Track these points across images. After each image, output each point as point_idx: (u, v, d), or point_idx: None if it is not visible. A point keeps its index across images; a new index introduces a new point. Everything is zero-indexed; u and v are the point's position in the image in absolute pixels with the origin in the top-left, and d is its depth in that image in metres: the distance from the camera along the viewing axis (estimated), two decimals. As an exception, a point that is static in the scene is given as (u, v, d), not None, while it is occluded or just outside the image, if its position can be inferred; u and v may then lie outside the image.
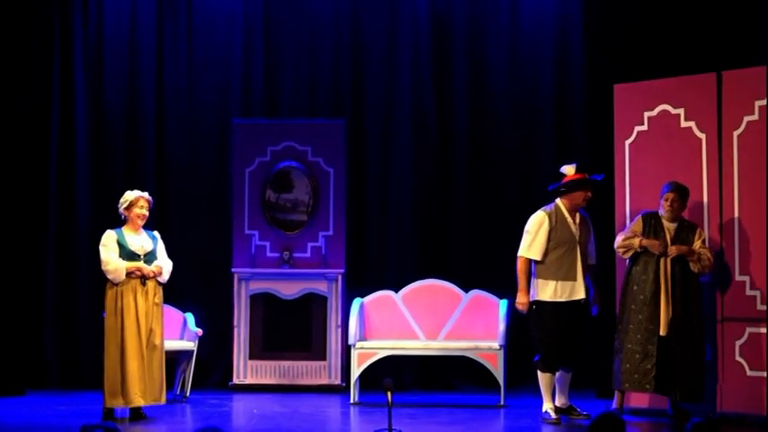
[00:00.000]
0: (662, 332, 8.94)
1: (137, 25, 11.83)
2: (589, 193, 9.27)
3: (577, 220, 9.28)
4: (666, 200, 9.10)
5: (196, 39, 11.87)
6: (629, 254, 9.16)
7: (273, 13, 11.89)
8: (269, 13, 11.88)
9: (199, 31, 11.88)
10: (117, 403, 9.17)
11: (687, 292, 9.00)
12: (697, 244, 9.03)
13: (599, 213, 10.41)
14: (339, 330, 11.12)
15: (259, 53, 11.85)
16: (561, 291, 9.18)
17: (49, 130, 11.66)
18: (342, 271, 11.23)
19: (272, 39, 11.88)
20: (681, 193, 9.10)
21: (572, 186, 9.25)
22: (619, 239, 9.23)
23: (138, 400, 9.18)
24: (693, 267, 9.00)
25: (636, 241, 9.11)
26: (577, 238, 9.22)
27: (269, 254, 11.36)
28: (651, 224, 9.15)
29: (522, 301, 9.22)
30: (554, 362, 9.19)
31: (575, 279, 9.18)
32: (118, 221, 9.54)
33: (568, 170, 9.33)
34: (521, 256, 9.26)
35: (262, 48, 11.85)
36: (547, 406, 9.20)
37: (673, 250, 8.99)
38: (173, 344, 10.47)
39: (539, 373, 9.25)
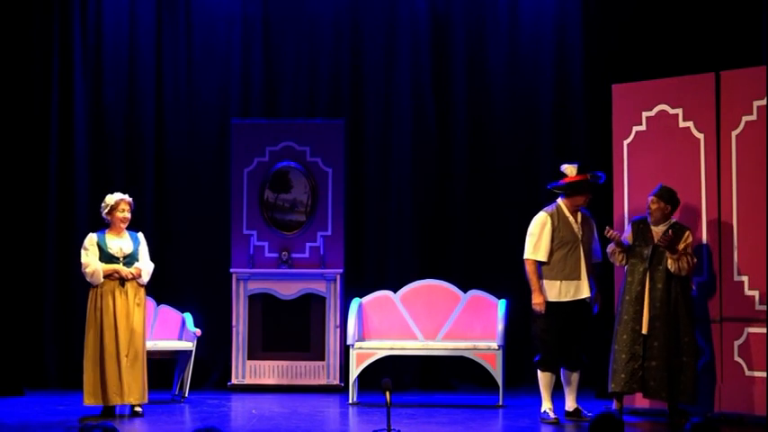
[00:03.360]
0: (643, 330, 8.95)
1: (136, 25, 11.83)
2: (590, 196, 9.27)
3: (579, 219, 9.28)
4: (648, 204, 9.12)
5: (195, 39, 11.87)
6: (619, 258, 9.17)
7: (273, 14, 11.88)
8: (268, 13, 11.88)
9: (198, 31, 11.88)
10: (95, 402, 9.31)
11: (670, 291, 8.97)
12: (680, 247, 9.00)
13: (597, 214, 10.43)
14: (338, 330, 11.12)
15: (258, 53, 11.84)
16: (565, 290, 9.19)
17: (48, 131, 11.67)
18: (340, 271, 11.23)
19: (272, 39, 11.87)
20: (661, 197, 9.07)
21: (572, 189, 9.24)
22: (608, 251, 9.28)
23: (116, 399, 9.29)
24: (671, 266, 8.97)
25: (613, 246, 9.14)
26: (580, 237, 9.23)
27: (267, 254, 11.36)
28: (639, 229, 9.16)
29: (537, 301, 9.19)
30: (554, 362, 9.19)
31: (579, 278, 9.19)
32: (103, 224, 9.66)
33: (570, 171, 9.30)
34: (527, 259, 9.27)
35: (261, 48, 11.85)
36: (546, 406, 9.20)
37: (661, 240, 8.95)
38: (171, 344, 10.48)
39: (538, 372, 9.25)
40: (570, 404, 9.30)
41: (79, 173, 11.68)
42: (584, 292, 9.18)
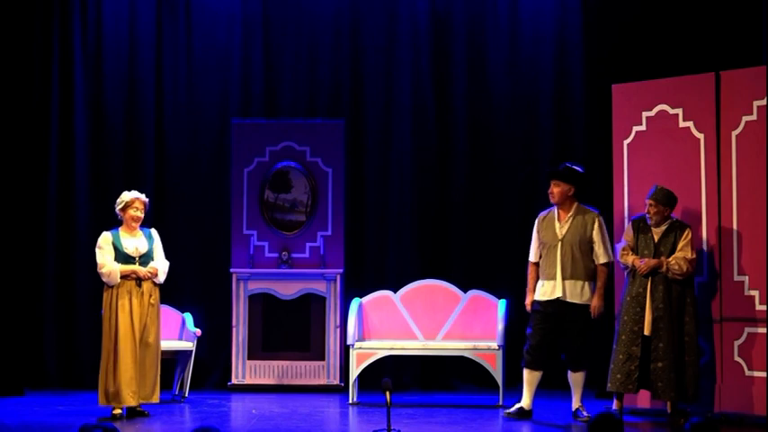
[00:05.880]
0: (645, 332, 8.96)
1: (136, 25, 11.83)
2: (550, 188, 9.30)
3: (569, 220, 9.27)
4: (646, 206, 9.12)
5: (195, 39, 11.87)
6: (630, 259, 9.16)
7: (273, 13, 11.89)
8: (268, 12, 11.88)
9: (198, 30, 11.88)
10: (109, 403, 9.27)
11: (671, 292, 8.97)
12: (680, 245, 8.99)
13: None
14: (338, 330, 11.12)
15: (258, 53, 11.85)
16: (544, 290, 9.31)
17: (48, 131, 11.67)
18: (340, 271, 11.23)
19: (272, 38, 11.88)
20: (658, 201, 9.06)
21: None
22: (618, 254, 9.25)
23: (130, 401, 9.26)
24: (666, 272, 8.98)
25: (629, 259, 9.12)
26: (560, 237, 9.26)
27: (267, 254, 11.36)
28: (640, 228, 9.17)
29: (526, 301, 9.45)
30: (533, 360, 9.26)
31: (554, 278, 9.28)
32: (116, 221, 9.61)
33: None
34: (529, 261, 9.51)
35: (261, 48, 11.85)
36: (522, 402, 9.27)
37: (641, 268, 8.97)
38: (171, 344, 10.48)
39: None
40: (574, 404, 9.36)
41: (79, 172, 11.68)
42: (558, 292, 9.23)
